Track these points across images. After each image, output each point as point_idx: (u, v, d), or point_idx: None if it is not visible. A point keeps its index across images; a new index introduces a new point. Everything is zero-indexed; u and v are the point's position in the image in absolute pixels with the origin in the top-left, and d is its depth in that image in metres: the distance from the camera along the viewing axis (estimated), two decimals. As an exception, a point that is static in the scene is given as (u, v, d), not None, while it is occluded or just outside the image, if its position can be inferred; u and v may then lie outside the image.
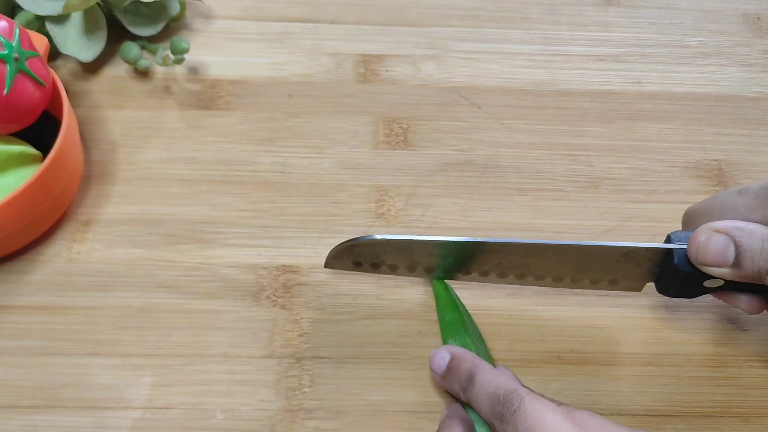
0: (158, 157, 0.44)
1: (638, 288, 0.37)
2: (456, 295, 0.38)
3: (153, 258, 0.39)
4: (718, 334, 0.38)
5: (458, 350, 0.34)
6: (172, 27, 0.51)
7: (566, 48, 0.52)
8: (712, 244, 0.32)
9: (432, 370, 0.34)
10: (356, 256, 0.36)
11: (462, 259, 0.36)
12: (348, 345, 0.37)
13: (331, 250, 0.36)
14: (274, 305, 0.38)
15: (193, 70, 0.49)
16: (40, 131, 0.40)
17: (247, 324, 0.37)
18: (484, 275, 0.37)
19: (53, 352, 0.36)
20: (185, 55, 0.46)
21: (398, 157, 0.45)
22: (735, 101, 0.50)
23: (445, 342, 0.36)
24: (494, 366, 0.34)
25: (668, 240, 0.35)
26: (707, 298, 0.39)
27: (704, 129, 0.48)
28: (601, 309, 0.39)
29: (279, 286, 0.39)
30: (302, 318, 0.38)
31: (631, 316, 0.39)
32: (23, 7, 0.46)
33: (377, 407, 0.35)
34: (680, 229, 0.36)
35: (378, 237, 0.35)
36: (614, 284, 0.37)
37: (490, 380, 0.31)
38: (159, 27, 0.49)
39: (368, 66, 0.50)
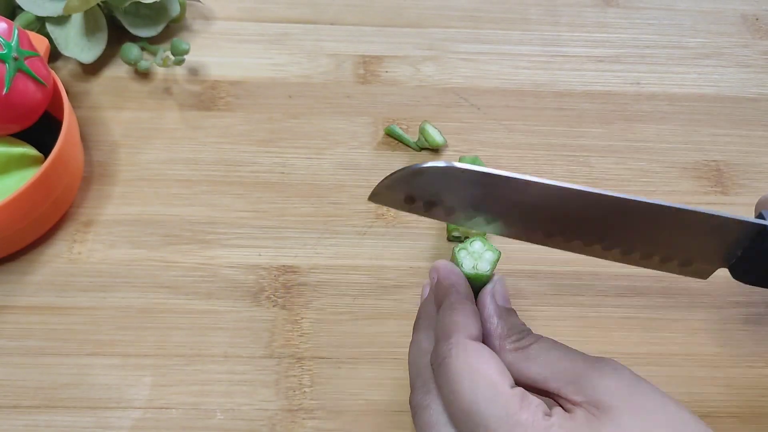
0: (158, 157, 0.44)
1: (708, 273, 0.33)
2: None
3: (153, 258, 0.39)
4: (717, 334, 0.38)
5: (444, 267, 0.30)
6: (173, 28, 0.51)
7: (565, 49, 0.52)
8: None
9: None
10: (414, 188, 0.30)
11: (541, 210, 0.30)
12: (348, 345, 0.37)
13: (387, 177, 0.30)
14: (274, 305, 0.38)
15: (194, 71, 0.49)
16: (41, 133, 0.40)
17: (247, 324, 0.37)
18: (548, 236, 0.31)
19: (54, 352, 0.36)
20: (185, 56, 0.47)
21: (398, 158, 0.45)
22: (733, 102, 0.50)
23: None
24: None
25: (761, 217, 0.30)
26: (704, 300, 0.39)
27: (703, 130, 0.48)
28: (600, 309, 0.39)
29: (279, 287, 0.39)
30: (302, 318, 0.38)
31: (631, 316, 0.39)
32: (24, 8, 0.46)
33: (377, 407, 0.35)
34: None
35: (456, 165, 0.28)
36: (685, 265, 0.33)
37: (443, 314, 0.28)
38: (159, 28, 0.49)
39: (368, 67, 0.50)
